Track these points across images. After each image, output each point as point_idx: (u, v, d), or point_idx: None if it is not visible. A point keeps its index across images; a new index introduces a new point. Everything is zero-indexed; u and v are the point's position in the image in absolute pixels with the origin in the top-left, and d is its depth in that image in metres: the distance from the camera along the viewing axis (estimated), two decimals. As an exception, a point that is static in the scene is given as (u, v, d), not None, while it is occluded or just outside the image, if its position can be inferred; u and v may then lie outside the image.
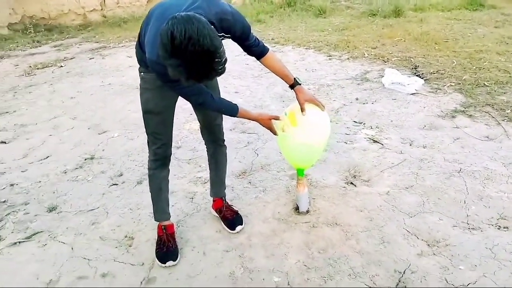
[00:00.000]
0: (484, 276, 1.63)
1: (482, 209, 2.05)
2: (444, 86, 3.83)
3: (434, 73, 4.21)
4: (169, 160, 1.92)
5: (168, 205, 1.99)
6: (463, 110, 3.26)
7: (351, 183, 2.40)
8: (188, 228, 2.10)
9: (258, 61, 1.83)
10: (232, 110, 1.73)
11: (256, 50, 1.75)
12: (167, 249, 1.90)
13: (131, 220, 2.20)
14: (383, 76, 4.13)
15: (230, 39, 1.63)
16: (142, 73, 1.76)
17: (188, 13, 1.29)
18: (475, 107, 3.31)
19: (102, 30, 8.98)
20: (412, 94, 3.72)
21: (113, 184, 2.61)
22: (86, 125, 3.66)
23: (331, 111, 3.54)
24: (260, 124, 1.82)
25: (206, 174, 2.62)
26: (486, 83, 3.76)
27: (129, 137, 3.34)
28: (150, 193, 1.96)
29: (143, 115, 1.82)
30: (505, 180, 2.27)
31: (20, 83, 5.14)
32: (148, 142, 1.88)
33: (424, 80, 4.01)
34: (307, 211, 2.15)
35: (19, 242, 2.09)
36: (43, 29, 9.16)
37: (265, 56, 1.79)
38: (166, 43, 1.22)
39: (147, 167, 1.94)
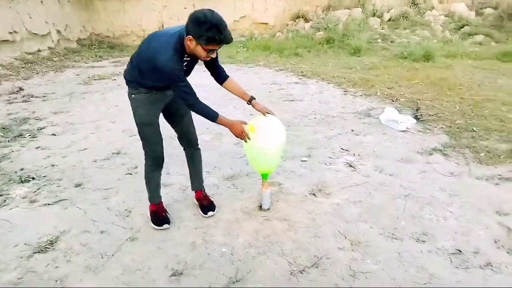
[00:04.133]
0: (382, 270, 2.04)
1: (411, 225, 2.44)
2: (435, 127, 4.19)
3: (432, 115, 4.56)
4: (163, 162, 2.46)
5: (160, 191, 2.58)
6: (441, 150, 3.62)
7: (313, 194, 2.88)
8: (174, 210, 2.68)
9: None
10: (213, 115, 2.16)
11: (221, 72, 2.34)
12: (162, 217, 2.50)
13: (133, 199, 2.83)
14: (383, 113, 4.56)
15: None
16: (133, 95, 2.23)
17: None
18: (454, 148, 3.65)
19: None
20: (402, 131, 4.12)
21: (128, 173, 3.28)
22: (121, 128, 4.44)
23: (325, 138, 4.03)
24: (232, 130, 2.26)
25: (203, 174, 3.22)
26: (474, 129, 4.07)
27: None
28: (147, 186, 2.50)
29: (140, 129, 2.30)
30: (443, 207, 2.64)
31: (78, 90, 6.14)
32: (146, 152, 2.38)
33: (420, 120, 4.39)
34: (268, 209, 2.66)
35: (48, 204, 2.79)
36: (106, 46, 10.44)
37: (228, 80, 2.36)
38: (200, 18, 1.86)
39: (144, 170, 2.45)
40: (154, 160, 2.40)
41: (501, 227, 2.41)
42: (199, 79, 2.88)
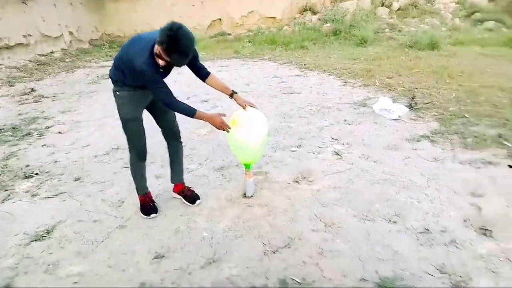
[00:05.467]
0: (350, 248, 2.16)
1: (385, 207, 2.54)
2: (427, 115, 4.22)
3: (427, 103, 4.59)
4: (146, 155, 2.62)
5: (146, 182, 2.75)
6: (429, 136, 3.67)
7: (297, 181, 3.00)
8: (163, 200, 2.86)
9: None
10: (191, 112, 2.31)
11: (202, 70, 2.50)
12: (149, 207, 2.69)
13: (126, 191, 3.03)
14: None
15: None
16: (117, 92, 2.39)
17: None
18: (442, 134, 3.70)
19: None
20: (394, 120, 4.18)
21: (125, 167, 3.47)
22: (124, 125, 4.65)
23: (317, 128, 4.14)
24: (212, 124, 2.42)
25: (194, 166, 3.40)
26: (466, 115, 4.09)
27: (151, 135, 4.22)
28: (133, 178, 2.67)
29: (125, 125, 2.45)
30: (419, 190, 2.72)
31: (86, 89, 6.41)
32: (129, 145, 2.55)
33: (414, 109, 4.43)
34: (251, 196, 2.80)
35: (48, 197, 3.01)
36: (116, 46, 10.72)
37: (209, 77, 2.52)
38: (169, 36, 1.97)
39: (129, 162, 2.64)
40: (138, 154, 2.59)
41: (473, 207, 2.48)
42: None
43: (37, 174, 3.37)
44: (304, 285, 1.92)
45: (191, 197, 2.78)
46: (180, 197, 2.81)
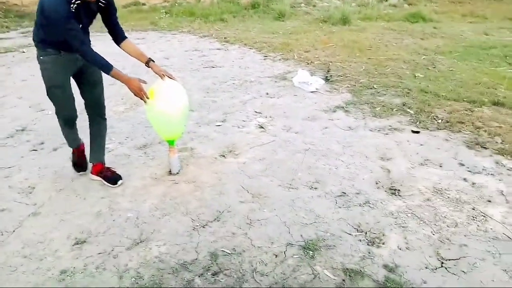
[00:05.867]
0: (276, 216, 2.26)
1: (306, 176, 2.69)
2: (341, 87, 4.49)
3: (340, 76, 4.87)
4: (75, 121, 2.54)
5: (77, 138, 2.68)
6: (343, 107, 3.92)
7: (223, 156, 3.02)
8: (80, 183, 2.67)
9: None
10: (107, 67, 2.18)
11: (119, 32, 2.39)
12: (79, 163, 2.71)
13: (37, 176, 2.77)
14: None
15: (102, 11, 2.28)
16: (41, 57, 2.29)
17: None
18: (354, 104, 3.97)
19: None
20: (312, 92, 4.37)
21: (33, 150, 3.17)
22: (28, 104, 4.20)
23: (240, 102, 4.16)
24: (129, 87, 2.29)
25: (114, 145, 3.21)
26: (375, 86, 4.44)
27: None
28: (65, 138, 2.65)
29: (49, 91, 2.35)
30: (336, 157, 2.92)
31: (-21, 64, 5.59)
32: (57, 113, 2.46)
33: (329, 81, 4.67)
34: (177, 173, 2.75)
35: None
36: (13, 16, 9.49)
37: (125, 41, 2.42)
38: None
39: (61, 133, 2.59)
40: (65, 121, 2.51)
41: (383, 170, 2.74)
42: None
43: None
44: (235, 255, 1.97)
45: (112, 178, 2.65)
46: (99, 178, 2.65)
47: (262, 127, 3.53)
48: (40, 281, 1.85)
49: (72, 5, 2.03)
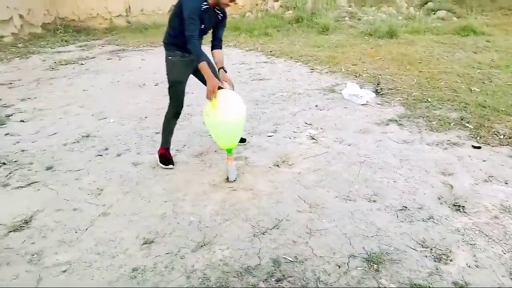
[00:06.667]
0: (335, 227, 2.26)
1: (364, 188, 2.67)
2: (393, 100, 4.43)
3: (391, 89, 4.81)
4: (180, 114, 3.03)
5: (171, 138, 3.12)
6: (397, 120, 3.86)
7: (277, 165, 3.06)
8: (144, 186, 2.81)
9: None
10: (200, 58, 2.60)
11: (219, 41, 2.87)
12: (169, 158, 3.08)
13: (104, 179, 2.94)
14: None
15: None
16: (169, 57, 2.82)
17: None
18: (408, 118, 3.91)
19: (125, 34, 9.87)
20: (362, 104, 4.34)
21: (98, 155, 3.37)
22: (90, 112, 4.48)
23: (290, 114, 4.21)
24: (209, 83, 2.58)
25: (172, 152, 3.34)
26: (429, 99, 4.34)
27: (121, 123, 4.12)
28: (163, 132, 3.06)
29: (172, 85, 2.87)
30: (393, 170, 2.88)
31: (44, 75, 6.06)
32: (171, 103, 2.94)
33: (380, 94, 4.63)
34: (234, 180, 2.83)
35: (21, 187, 2.86)
36: (72, 30, 10.15)
37: (218, 50, 2.91)
38: None
39: (165, 116, 3.03)
40: (175, 113, 2.98)
41: (445, 185, 2.67)
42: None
43: (4, 163, 3.18)
44: (297, 263, 1.99)
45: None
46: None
47: (313, 139, 3.55)
48: (114, 277, 1.95)
49: (202, 5, 2.53)
